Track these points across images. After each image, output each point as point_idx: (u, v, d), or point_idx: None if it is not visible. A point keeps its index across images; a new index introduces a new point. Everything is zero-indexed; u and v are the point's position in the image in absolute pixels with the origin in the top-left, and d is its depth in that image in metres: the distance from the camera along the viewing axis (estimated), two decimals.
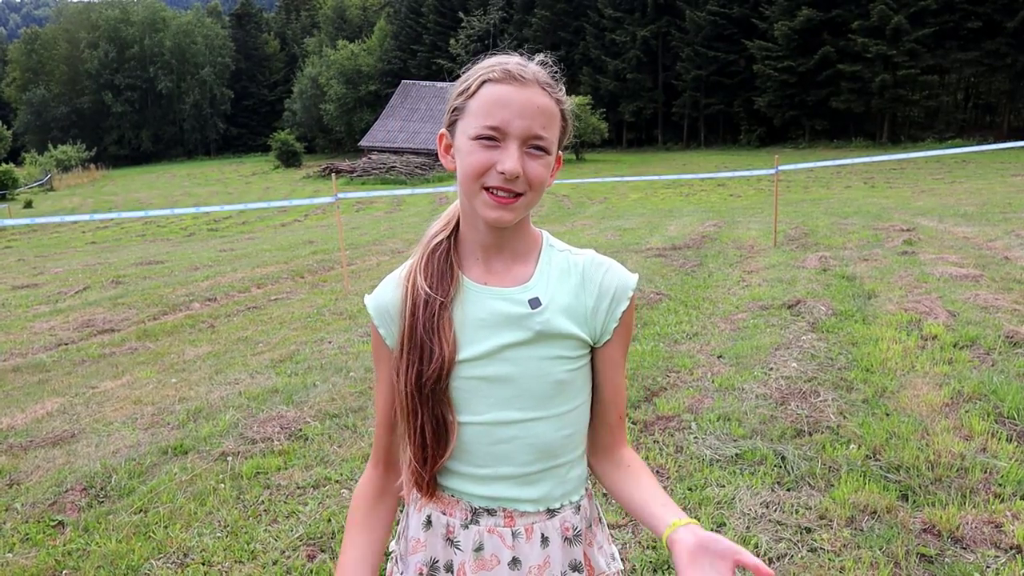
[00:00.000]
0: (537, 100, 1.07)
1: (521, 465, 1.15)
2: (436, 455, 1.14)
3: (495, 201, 1.07)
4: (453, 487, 1.19)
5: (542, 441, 1.15)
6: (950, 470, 3.25)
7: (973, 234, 9.75)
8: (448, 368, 1.12)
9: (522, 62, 1.10)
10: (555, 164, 1.15)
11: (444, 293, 1.13)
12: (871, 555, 2.67)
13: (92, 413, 4.79)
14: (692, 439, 3.73)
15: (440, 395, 1.13)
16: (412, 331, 1.13)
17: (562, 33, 53.77)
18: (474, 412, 1.14)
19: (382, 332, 1.18)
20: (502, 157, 1.05)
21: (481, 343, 1.13)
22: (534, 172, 1.07)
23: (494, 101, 1.06)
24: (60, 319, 7.90)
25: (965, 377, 4.36)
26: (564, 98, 1.13)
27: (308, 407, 4.53)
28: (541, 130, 1.07)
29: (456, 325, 1.13)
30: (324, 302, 8.16)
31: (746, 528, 2.89)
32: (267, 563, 2.83)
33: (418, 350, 1.12)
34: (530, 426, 1.14)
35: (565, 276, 1.17)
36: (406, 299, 1.15)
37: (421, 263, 1.17)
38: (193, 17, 72.44)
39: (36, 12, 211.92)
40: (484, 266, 1.16)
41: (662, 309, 6.52)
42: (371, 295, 1.21)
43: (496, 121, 1.05)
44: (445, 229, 1.19)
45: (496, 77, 1.07)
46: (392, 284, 1.19)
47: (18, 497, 3.52)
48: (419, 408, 1.13)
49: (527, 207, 1.11)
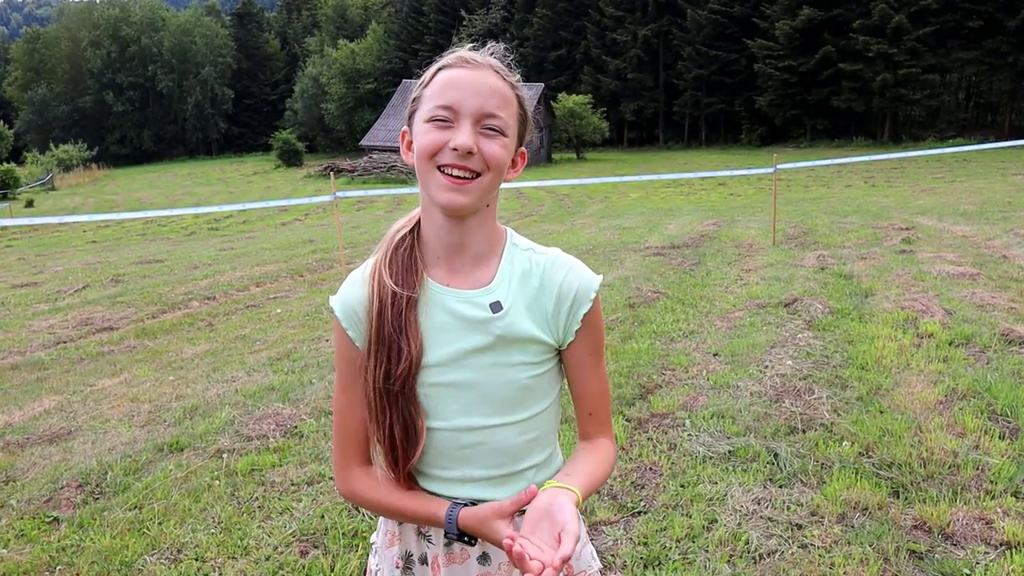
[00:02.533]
0: (489, 81, 1.07)
1: (488, 468, 1.15)
2: (407, 455, 1.13)
3: (449, 182, 1.05)
4: (429, 489, 1.18)
5: (506, 446, 1.14)
6: (942, 467, 3.26)
7: (972, 233, 9.76)
8: (416, 368, 1.10)
9: (477, 48, 1.11)
10: (518, 159, 1.14)
11: (411, 289, 1.11)
12: (861, 551, 2.68)
13: (89, 411, 4.80)
14: (686, 436, 3.74)
15: (409, 395, 1.11)
16: (380, 329, 1.11)
17: (563, 32, 53.79)
18: (442, 418, 1.13)
19: (350, 333, 1.15)
20: (455, 135, 1.04)
21: (444, 347, 1.11)
22: (490, 150, 1.05)
23: (446, 83, 1.06)
24: (59, 317, 7.92)
25: (959, 375, 4.36)
26: (520, 85, 1.12)
27: (304, 404, 4.54)
28: (495, 109, 1.06)
29: (421, 327, 1.12)
30: (323, 300, 8.17)
31: (737, 525, 2.90)
32: (260, 559, 2.84)
33: (386, 349, 1.10)
34: (494, 432, 1.13)
35: (527, 278, 1.14)
36: (372, 297, 1.13)
37: (385, 259, 1.14)
38: (191, 16, 72.47)
39: (38, 11, 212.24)
40: (447, 266, 1.14)
41: (659, 307, 6.53)
42: (336, 296, 1.17)
43: (447, 101, 1.05)
44: (408, 224, 1.18)
45: (450, 63, 1.09)
46: (358, 282, 1.16)
47: (14, 494, 3.53)
48: (388, 408, 1.11)
49: (484, 191, 1.08)
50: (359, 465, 1.20)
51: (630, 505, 3.09)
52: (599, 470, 1.17)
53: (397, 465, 1.14)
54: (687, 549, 2.76)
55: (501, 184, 1.12)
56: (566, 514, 0.97)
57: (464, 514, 1.11)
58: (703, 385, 4.50)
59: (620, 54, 50.37)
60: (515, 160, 1.14)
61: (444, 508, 1.13)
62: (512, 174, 1.14)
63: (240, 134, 74.74)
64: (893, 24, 37.91)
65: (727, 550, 2.74)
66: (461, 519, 1.11)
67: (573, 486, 1.05)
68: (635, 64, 49.76)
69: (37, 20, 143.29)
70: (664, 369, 4.86)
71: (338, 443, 1.20)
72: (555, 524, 0.97)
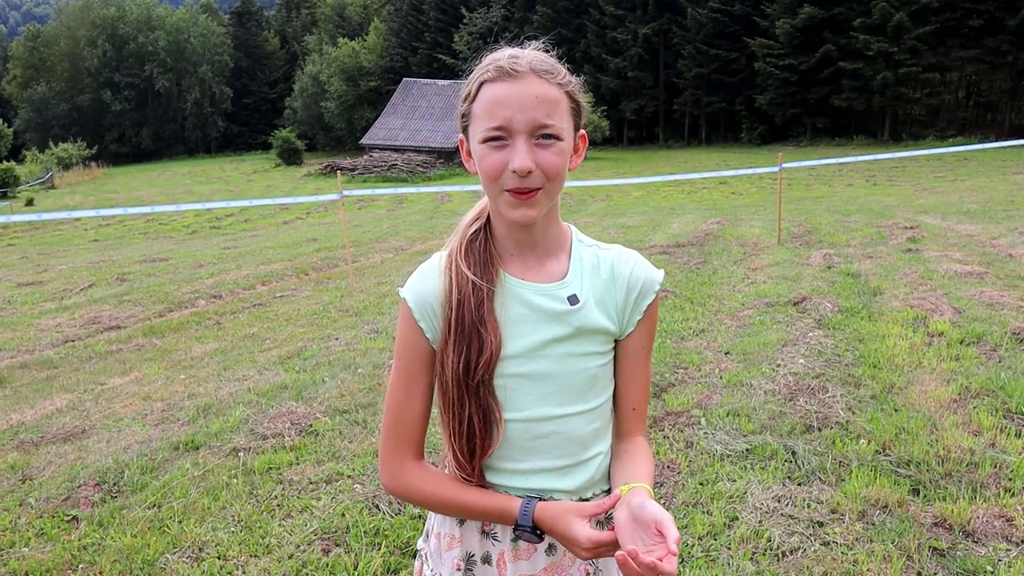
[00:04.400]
0: (535, 90, 1.06)
1: (557, 458, 1.17)
2: (484, 446, 1.14)
3: (516, 199, 1.08)
4: (492, 481, 1.19)
5: (576, 435, 1.17)
6: (960, 465, 3.27)
7: (976, 232, 9.77)
8: (496, 359, 1.12)
9: (515, 54, 1.09)
10: (579, 144, 1.15)
11: (489, 281, 1.14)
12: (884, 548, 2.69)
13: (102, 409, 4.80)
14: (702, 434, 3.75)
15: (488, 387, 1.13)
16: (459, 321, 1.12)
17: (563, 31, 53.69)
18: (516, 408, 1.15)
19: (422, 325, 1.15)
20: (512, 156, 1.06)
21: (523, 338, 1.14)
22: (547, 162, 1.07)
23: (493, 101, 1.06)
24: (66, 316, 7.92)
25: (972, 373, 4.37)
26: (567, 79, 1.11)
27: (317, 403, 4.54)
28: (545, 118, 1.06)
29: (499, 319, 1.14)
30: (330, 299, 8.17)
31: (759, 522, 2.90)
32: (282, 557, 2.84)
33: (466, 340, 1.11)
34: (566, 421, 1.16)
35: (596, 271, 1.19)
36: (450, 288, 1.14)
37: (461, 252, 1.16)
38: (186, 15, 72.34)
39: (36, 9, 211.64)
40: (520, 261, 1.17)
41: (668, 306, 6.53)
42: (408, 287, 1.18)
43: (499, 121, 1.06)
44: (479, 219, 1.20)
45: (491, 76, 1.08)
46: (432, 274, 1.17)
47: (31, 492, 3.53)
48: (466, 400, 1.12)
49: (549, 198, 1.11)
50: (413, 459, 1.19)
51: None
52: (652, 467, 1.21)
53: (473, 458, 1.15)
54: (709, 547, 2.77)
55: (566, 180, 1.14)
56: (653, 508, 1.00)
57: (541, 508, 1.12)
58: (716, 383, 4.51)
59: (620, 53, 50.33)
60: (577, 146, 1.15)
61: (515, 502, 1.14)
62: (576, 161, 1.16)
63: (240, 132, 74.64)
64: (893, 23, 37.90)
65: (749, 547, 2.74)
66: (537, 513, 1.12)
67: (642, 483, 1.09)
68: (635, 63, 49.71)
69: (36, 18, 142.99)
70: (677, 367, 4.86)
71: (391, 436, 1.19)
72: (644, 522, 1.00)
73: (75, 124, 67.10)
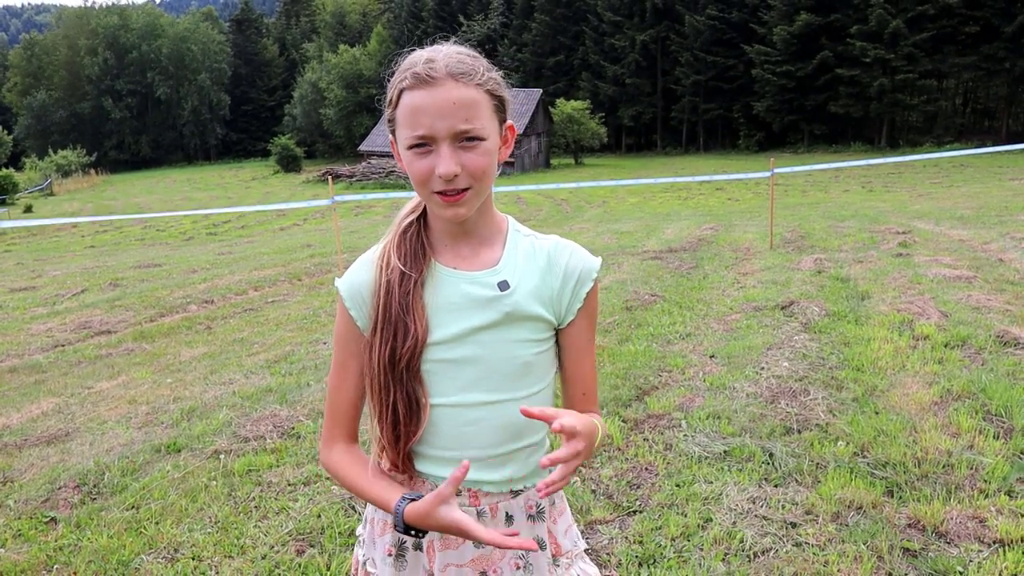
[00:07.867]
0: (453, 95, 1.06)
1: (487, 447, 1.18)
2: (409, 433, 1.16)
3: (445, 201, 1.10)
4: (420, 469, 1.21)
5: (508, 423, 1.18)
6: (936, 466, 3.27)
7: (968, 237, 9.79)
8: (421, 347, 1.14)
9: (431, 57, 1.08)
10: (507, 134, 1.16)
11: (418, 271, 1.16)
12: (855, 549, 2.69)
13: (87, 412, 4.81)
14: (682, 436, 3.75)
15: (413, 373, 1.15)
16: (386, 309, 1.15)
17: (561, 38, 53.94)
18: (442, 394, 1.16)
19: (353, 314, 1.19)
20: (437, 161, 1.07)
21: (451, 326, 1.15)
22: (473, 164, 1.08)
23: (413, 110, 1.07)
24: (57, 321, 7.93)
25: (955, 376, 4.38)
26: (486, 78, 1.10)
27: (301, 406, 4.55)
28: (465, 124, 1.07)
29: (428, 307, 1.16)
30: (320, 304, 8.19)
31: (732, 523, 2.91)
32: (256, 557, 2.85)
33: (392, 328, 1.14)
34: (496, 408, 1.17)
35: (531, 259, 1.20)
36: (379, 278, 1.17)
37: (394, 243, 1.19)
38: (189, 23, 72.66)
39: (37, 18, 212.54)
40: (453, 251, 1.19)
41: (656, 310, 6.55)
42: (342, 278, 1.22)
43: (421, 130, 1.07)
44: (415, 211, 1.22)
45: (408, 84, 1.08)
46: (365, 265, 1.21)
47: (11, 494, 3.54)
48: (391, 386, 1.14)
49: (479, 195, 1.13)
50: (343, 441, 1.25)
51: (625, 504, 3.11)
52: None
53: (398, 443, 1.16)
54: (682, 548, 2.77)
55: (497, 170, 1.16)
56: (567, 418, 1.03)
57: (410, 510, 1.10)
58: (699, 386, 4.51)
59: (618, 60, 50.52)
60: (505, 138, 1.16)
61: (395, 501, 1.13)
62: (506, 151, 1.17)
63: (239, 140, 74.86)
64: (890, 29, 38.05)
65: (722, 548, 2.75)
66: (407, 515, 1.11)
67: None
68: (633, 69, 49.89)
69: (36, 27, 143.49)
70: (661, 371, 4.87)
71: (327, 419, 1.25)
72: None
73: (74, 131, 67.28)
